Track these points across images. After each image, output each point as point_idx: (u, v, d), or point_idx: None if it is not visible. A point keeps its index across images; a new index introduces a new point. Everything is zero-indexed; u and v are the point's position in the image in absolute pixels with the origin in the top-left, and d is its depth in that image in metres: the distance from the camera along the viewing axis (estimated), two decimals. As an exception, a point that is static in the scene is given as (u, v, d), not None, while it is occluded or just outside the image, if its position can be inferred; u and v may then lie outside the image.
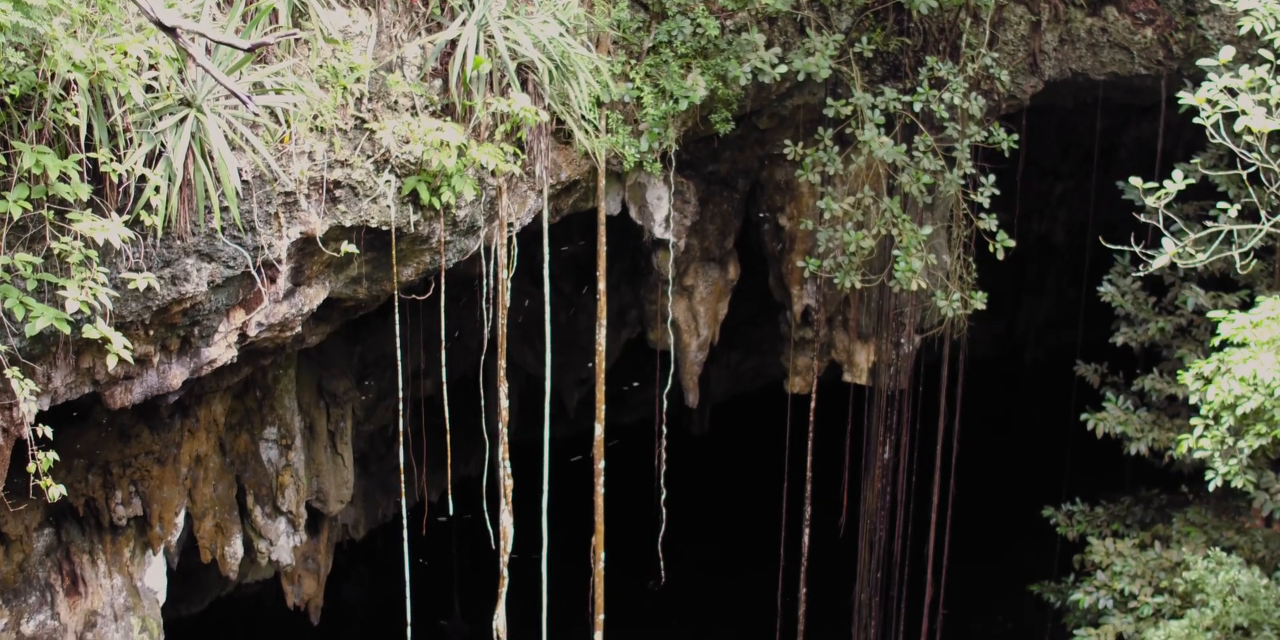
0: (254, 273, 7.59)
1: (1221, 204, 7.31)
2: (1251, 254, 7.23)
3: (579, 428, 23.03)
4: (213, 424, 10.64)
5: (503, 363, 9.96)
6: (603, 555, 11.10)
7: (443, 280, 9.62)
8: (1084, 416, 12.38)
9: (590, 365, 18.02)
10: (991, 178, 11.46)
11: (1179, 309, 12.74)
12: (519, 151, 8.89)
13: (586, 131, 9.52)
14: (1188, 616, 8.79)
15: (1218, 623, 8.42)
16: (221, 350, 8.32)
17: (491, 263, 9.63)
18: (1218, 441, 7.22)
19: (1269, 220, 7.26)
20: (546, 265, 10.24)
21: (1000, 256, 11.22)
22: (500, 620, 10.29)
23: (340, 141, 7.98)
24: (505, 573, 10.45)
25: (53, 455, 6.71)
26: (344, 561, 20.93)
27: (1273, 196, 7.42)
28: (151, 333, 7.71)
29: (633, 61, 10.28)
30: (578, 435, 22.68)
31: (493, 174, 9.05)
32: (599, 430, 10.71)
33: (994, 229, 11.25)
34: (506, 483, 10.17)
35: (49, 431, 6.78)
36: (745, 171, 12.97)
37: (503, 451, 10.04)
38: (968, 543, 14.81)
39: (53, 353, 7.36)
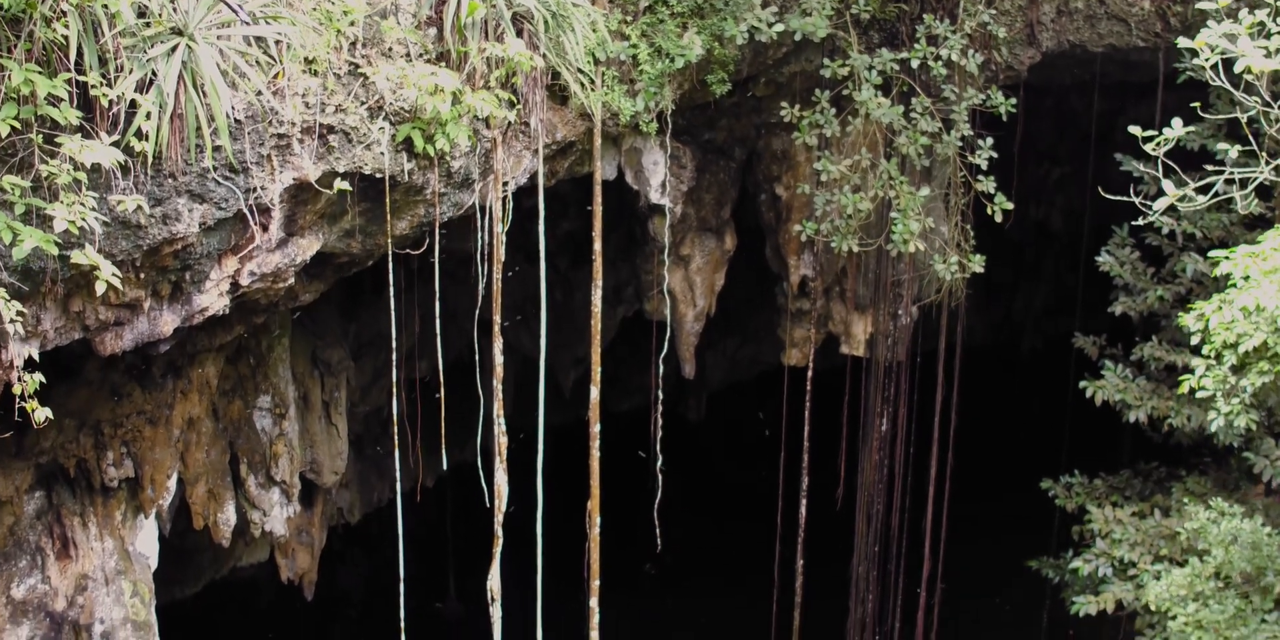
0: (246, 212, 7.52)
1: (1223, 145, 7.25)
2: (1253, 196, 7.17)
3: (575, 415, 22.97)
4: (205, 386, 10.55)
5: (497, 318, 9.87)
6: (598, 520, 11.00)
7: (436, 236, 9.55)
8: (1083, 384, 12.31)
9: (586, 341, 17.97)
10: (989, 141, 11.40)
11: (1178, 277, 12.69)
12: (514, 100, 8.82)
13: (583, 84, 9.46)
14: (1190, 565, 8.71)
15: (1220, 571, 8.34)
16: (213, 298, 8.24)
17: (487, 218, 9.55)
18: (1220, 381, 7.15)
19: (1269, 164, 7.20)
20: (541, 219, 10.15)
21: (999, 218, 11.16)
22: (494, 580, 10.19)
23: (334, 86, 7.91)
24: (500, 533, 10.35)
25: (39, 377, 6.63)
26: (339, 545, 20.86)
27: (1271, 139, 7.36)
28: (142, 276, 7.63)
29: (629, 19, 10.23)
30: (574, 423, 22.62)
31: (487, 125, 8.99)
32: (594, 393, 10.61)
33: (992, 191, 11.19)
34: (501, 440, 10.07)
35: (35, 356, 6.66)
36: (742, 140, 12.92)
37: (497, 408, 9.94)
38: (966, 517, 14.73)
39: (42, 293, 7.28)
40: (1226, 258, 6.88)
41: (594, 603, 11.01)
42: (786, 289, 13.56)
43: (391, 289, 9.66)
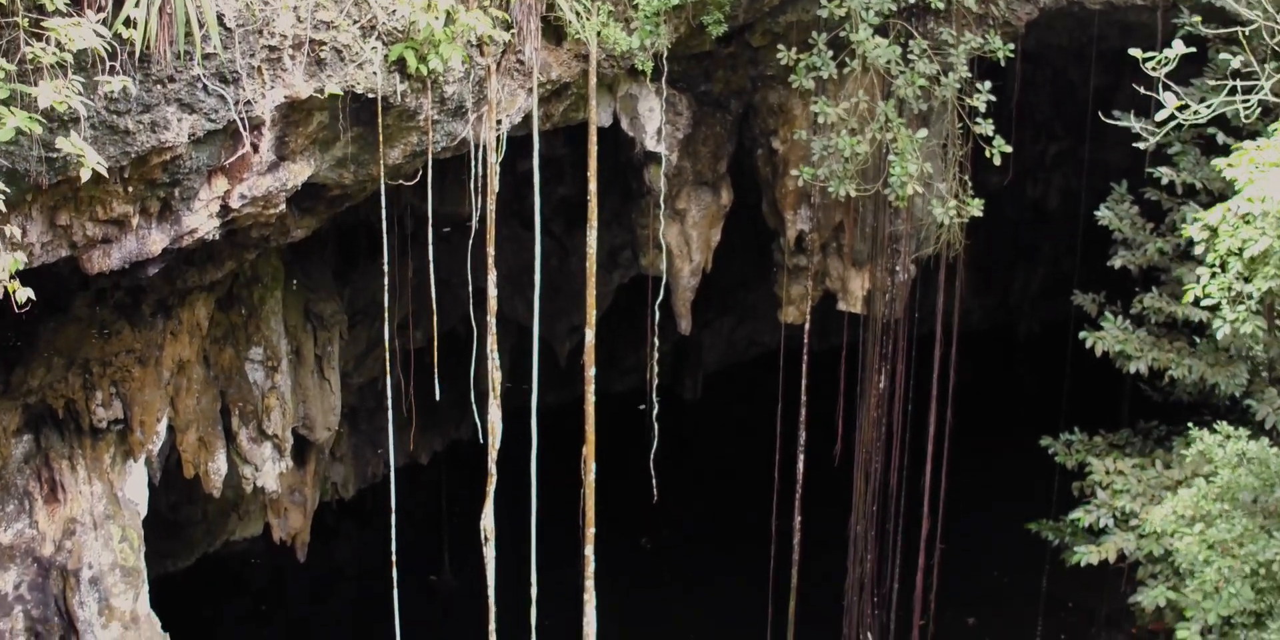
0: (238, 123, 7.41)
1: (1225, 54, 7.17)
2: (1256, 108, 7.08)
3: (572, 395, 22.83)
4: (196, 328, 10.43)
5: (491, 249, 9.73)
6: (593, 466, 10.86)
7: (430, 169, 9.44)
8: (1082, 335, 12.22)
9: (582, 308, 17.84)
10: (988, 84, 11.32)
11: (1177, 229, 12.60)
12: (509, 21, 8.73)
13: (578, 13, 9.37)
14: (1195, 486, 8.59)
15: (1226, 492, 8.23)
16: (203, 219, 8.13)
17: (481, 150, 9.44)
18: (1225, 287, 7.05)
19: (1270, 77, 7.12)
20: (536, 153, 10.02)
21: (997, 162, 11.05)
22: (488, 519, 10.05)
23: (326, 1, 7.81)
24: (494, 470, 10.21)
25: (21, 256, 6.49)
26: (333, 520, 20.71)
27: (1273, 52, 7.28)
28: (130, 189, 7.51)
29: (625, -46, 10.15)
30: (570, 402, 22.50)
31: (481, 52, 8.89)
32: (589, 336, 10.49)
33: (990, 133, 11.10)
34: (495, 376, 9.94)
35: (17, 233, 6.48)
36: (738, 93, 12.83)
37: (491, 342, 9.81)
38: (964, 477, 14.61)
39: (28, 202, 7.17)
40: (1230, 165, 6.79)
41: (589, 551, 10.87)
42: (783, 245, 13.46)
43: (384, 214, 9.50)
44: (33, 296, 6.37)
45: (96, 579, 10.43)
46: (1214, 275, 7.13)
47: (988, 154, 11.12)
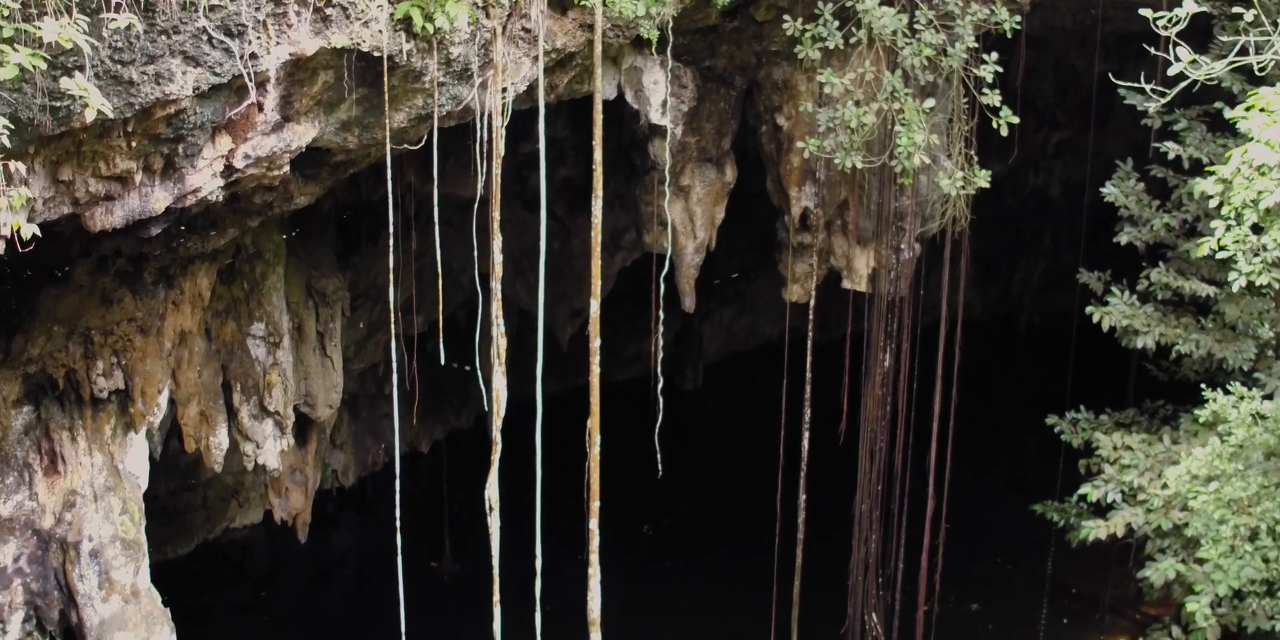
0: (243, 74, 7.33)
1: (1237, 8, 7.12)
2: (1270, 63, 7.01)
3: (573, 384, 22.76)
4: (197, 298, 10.35)
5: (495, 214, 9.64)
6: (598, 438, 10.76)
7: (435, 132, 9.35)
8: (1089, 309, 12.16)
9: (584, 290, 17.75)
10: (994, 55, 11.26)
11: (1183, 205, 12.56)
12: (514, -18, 8.66)
13: (584, -25, 9.31)
14: (1210, 445, 8.52)
15: (1240, 451, 8.15)
16: (206, 178, 8.05)
17: (486, 116, 9.36)
18: (1240, 240, 6.98)
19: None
20: (541, 119, 9.94)
21: (1004, 132, 10.98)
22: (492, 489, 9.95)
23: (332, -43, 7.74)
24: (498, 439, 10.12)
25: (25, 191, 6.39)
26: (333, 509, 20.62)
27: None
28: (134, 144, 7.44)
29: (631, -78, 10.08)
30: (571, 391, 22.43)
31: (486, 13, 8.82)
32: (594, 307, 10.40)
33: (997, 104, 11.04)
34: (500, 342, 9.85)
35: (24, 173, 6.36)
36: (743, 68, 12.76)
37: (496, 308, 9.72)
38: (968, 459, 14.55)
39: (30, 154, 7.09)
40: (1244, 117, 6.72)
41: (594, 524, 10.77)
42: (787, 223, 13.39)
43: (389, 186, 9.43)
44: (37, 231, 6.28)
45: (97, 552, 10.33)
46: (1229, 227, 7.07)
47: (995, 124, 11.05)
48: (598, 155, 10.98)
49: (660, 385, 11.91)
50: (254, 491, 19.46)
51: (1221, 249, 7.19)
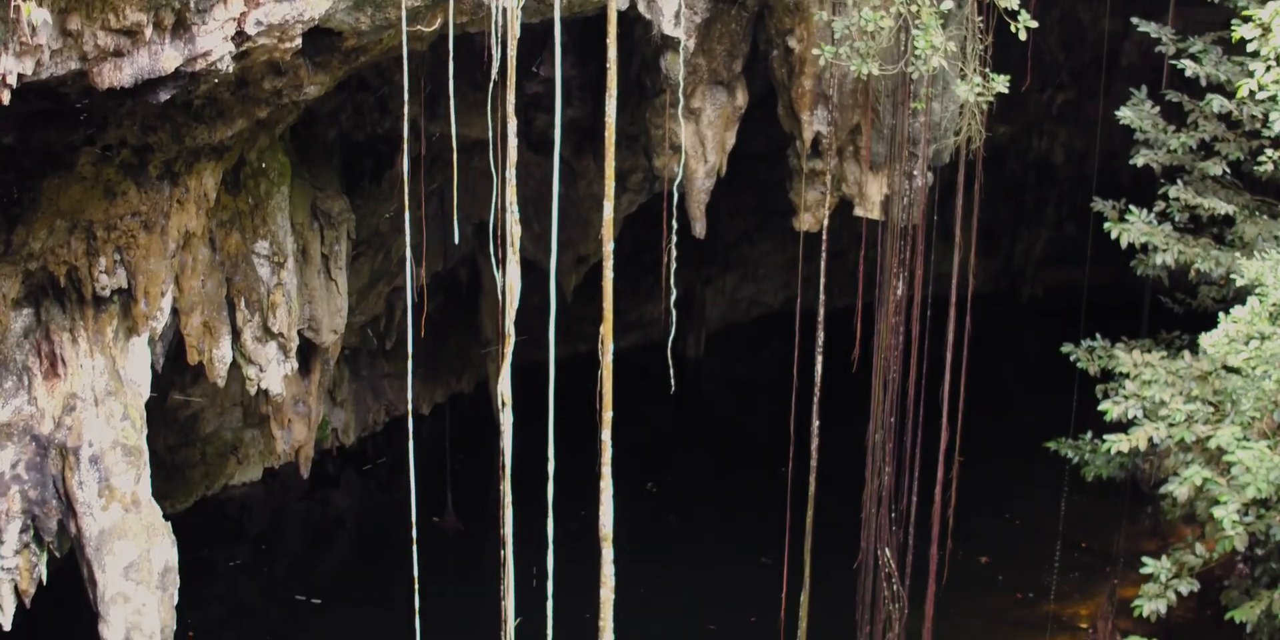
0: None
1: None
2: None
3: (576, 350, 22.54)
4: (202, 198, 10.13)
5: (511, 97, 9.39)
6: (611, 346, 10.49)
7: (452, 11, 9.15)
8: (1107, 226, 11.98)
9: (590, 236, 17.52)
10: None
11: (1200, 126, 12.42)
12: None
13: None
14: (1249, 305, 8.34)
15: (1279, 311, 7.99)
16: (217, 41, 7.85)
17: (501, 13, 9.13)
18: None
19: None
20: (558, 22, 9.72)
21: (1023, 36, 10.81)
22: (504, 385, 9.66)
23: None
24: (511, 331, 9.84)
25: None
26: (333, 469, 20.34)
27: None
28: (144, -6, 7.24)
29: None
30: (576, 356, 22.21)
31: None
32: (608, 209, 10.15)
33: (1015, 7, 10.88)
34: (514, 230, 9.60)
35: None
36: (754, -11, 12.64)
37: (510, 194, 9.47)
38: (982, 391, 14.35)
39: (37, -4, 6.88)
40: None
41: (606, 436, 10.48)
42: (798, 149, 13.21)
43: (405, 62, 9.15)
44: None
45: (97, 458, 10.07)
46: (1268, 68, 6.91)
47: (1013, 29, 10.88)
48: (612, 52, 10.78)
49: (674, 297, 11.65)
50: (253, 448, 19.21)
51: (1261, 88, 7.03)
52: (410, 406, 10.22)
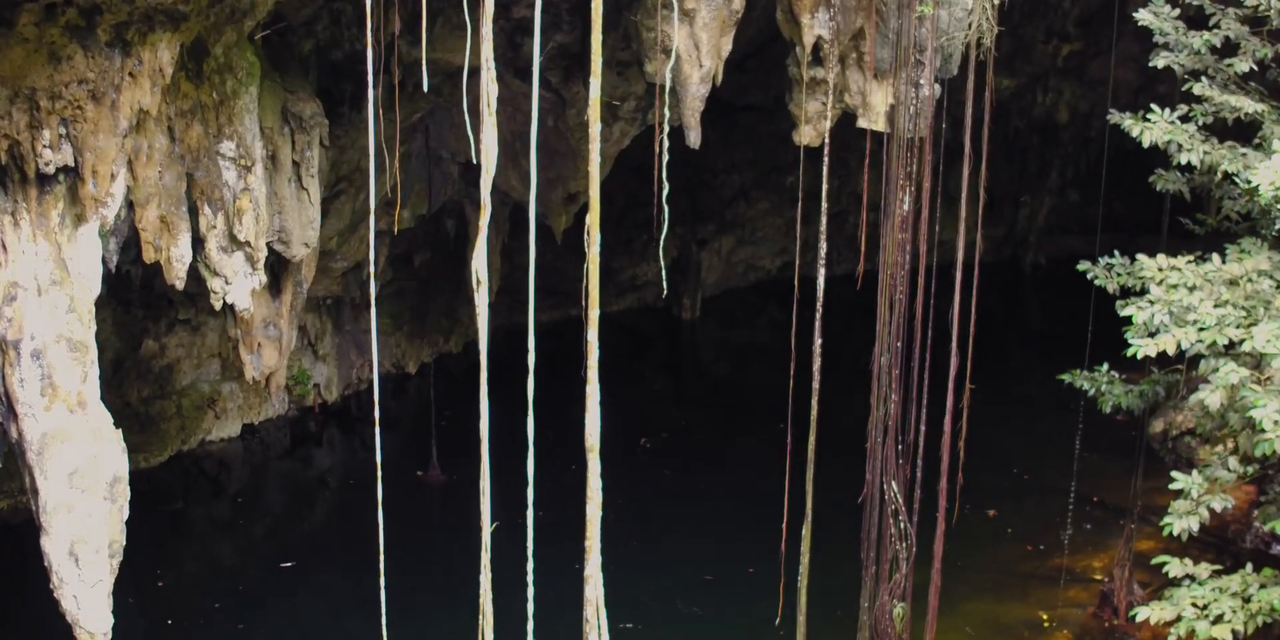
0: None
1: None
2: None
3: (562, 315, 21.82)
4: (158, 74, 9.37)
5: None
6: (597, 237, 9.74)
7: None
8: (1127, 124, 11.24)
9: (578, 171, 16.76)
10: None
11: (1221, 29, 11.72)
12: None
13: None
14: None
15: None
16: None
17: None
18: None
19: None
20: None
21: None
22: (479, 262, 8.89)
23: None
24: (488, 202, 9.06)
25: None
26: (315, 427, 19.56)
27: None
28: None
29: None
30: (562, 320, 21.48)
31: None
32: (595, 88, 9.43)
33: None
34: (491, 88, 8.82)
35: None
36: (751, -117, 11.98)
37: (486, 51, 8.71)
38: (993, 317, 13.60)
39: None
40: None
41: (593, 335, 9.70)
42: (799, 56, 12.49)
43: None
44: None
45: (39, 352, 9.28)
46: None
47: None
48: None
49: (667, 191, 10.88)
50: (231, 401, 18.44)
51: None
52: (374, 354, 9.49)
